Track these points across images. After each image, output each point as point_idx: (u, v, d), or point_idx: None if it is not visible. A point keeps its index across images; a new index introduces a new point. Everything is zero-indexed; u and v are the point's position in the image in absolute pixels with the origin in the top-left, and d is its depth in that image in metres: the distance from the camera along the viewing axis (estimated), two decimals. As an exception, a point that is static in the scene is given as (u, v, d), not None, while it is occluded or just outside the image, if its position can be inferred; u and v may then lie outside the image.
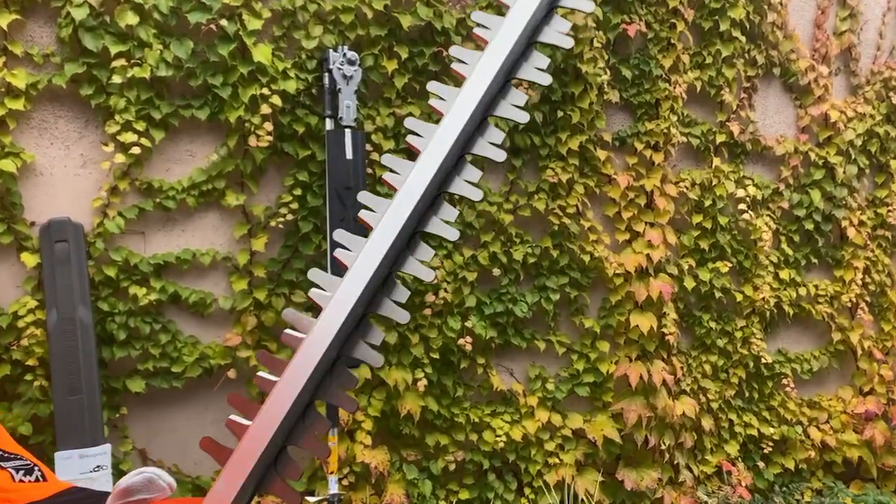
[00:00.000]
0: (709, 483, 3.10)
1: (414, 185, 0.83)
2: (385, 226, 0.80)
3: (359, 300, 0.81)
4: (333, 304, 0.80)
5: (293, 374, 0.75)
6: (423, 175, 0.88)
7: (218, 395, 2.42)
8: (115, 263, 2.27)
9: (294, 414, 0.75)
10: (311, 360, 0.77)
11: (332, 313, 0.78)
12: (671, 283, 2.98)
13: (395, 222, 0.80)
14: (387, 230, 0.80)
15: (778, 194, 3.24)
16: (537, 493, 2.84)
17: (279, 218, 2.42)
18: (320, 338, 0.76)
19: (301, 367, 0.75)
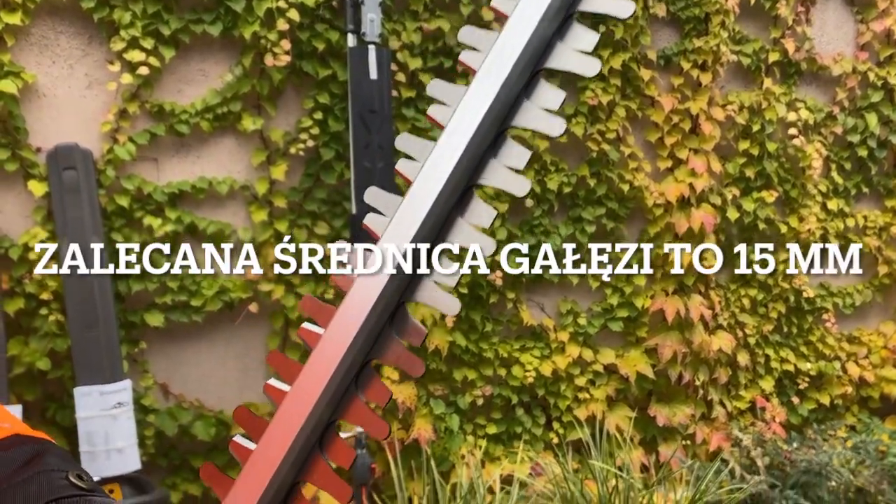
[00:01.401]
0: (741, 419, 3.02)
1: (465, 120, 0.58)
2: (427, 178, 0.52)
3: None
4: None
5: (340, 326, 0.51)
6: (478, 103, 0.58)
7: (240, 329, 2.33)
8: (128, 192, 2.14)
9: (341, 380, 0.52)
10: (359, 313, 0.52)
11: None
12: (714, 213, 2.81)
13: (440, 174, 0.52)
14: (429, 184, 0.52)
15: (831, 118, 3.02)
16: (566, 427, 2.77)
17: (299, 144, 2.26)
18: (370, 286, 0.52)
19: (349, 320, 0.50)
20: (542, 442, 2.77)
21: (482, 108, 0.55)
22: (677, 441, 2.88)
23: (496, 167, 0.54)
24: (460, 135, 0.54)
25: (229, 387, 2.36)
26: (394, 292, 0.49)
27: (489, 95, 0.54)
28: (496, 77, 0.54)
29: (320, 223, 2.32)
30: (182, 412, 2.26)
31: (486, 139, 0.54)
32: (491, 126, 0.54)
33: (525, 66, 0.54)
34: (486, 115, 0.54)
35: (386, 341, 0.49)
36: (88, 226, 2.05)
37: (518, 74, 0.53)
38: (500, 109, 0.55)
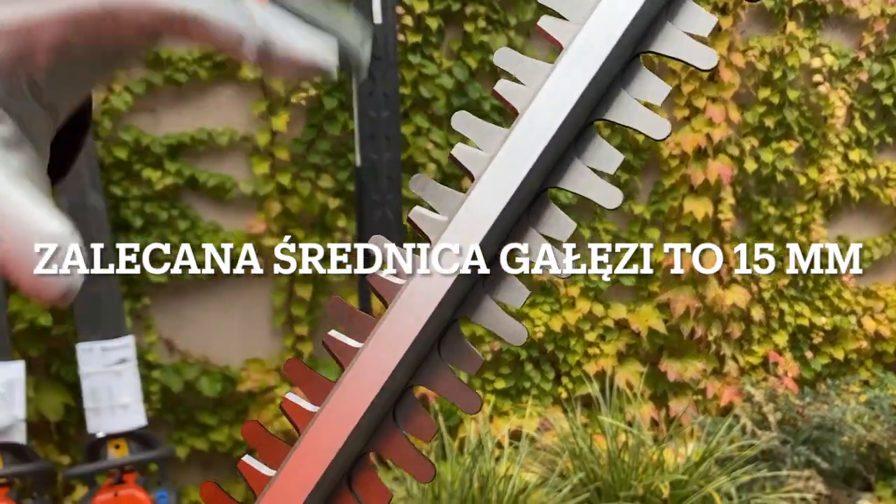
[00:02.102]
0: (753, 374, 2.98)
1: (547, 106, 0.40)
2: (496, 175, 0.37)
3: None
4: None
5: (382, 343, 0.37)
6: (567, 87, 0.38)
7: (244, 284, 2.29)
8: (126, 144, 2.07)
9: (380, 409, 0.38)
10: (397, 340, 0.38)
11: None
12: (731, 164, 2.72)
13: (513, 172, 0.38)
14: (498, 183, 0.37)
15: (856, 64, 2.89)
16: (575, 382, 2.75)
17: (301, 93, 2.18)
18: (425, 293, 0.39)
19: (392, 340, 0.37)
20: (551, 397, 2.74)
21: (571, 94, 0.41)
22: (688, 396, 2.85)
23: (580, 170, 0.41)
24: (541, 124, 0.42)
25: (234, 342, 2.34)
26: (448, 307, 0.39)
27: (581, 80, 0.40)
28: (592, 57, 0.40)
29: (324, 176, 2.25)
30: (187, 368, 2.24)
31: (570, 134, 0.41)
32: (578, 118, 0.41)
33: (625, 48, 0.41)
34: (576, 105, 0.41)
35: (434, 367, 0.39)
36: (86, 179, 1.99)
37: (617, 57, 0.40)
38: (592, 98, 0.41)
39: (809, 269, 2.99)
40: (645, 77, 0.40)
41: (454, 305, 0.38)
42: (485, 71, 2.38)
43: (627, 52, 0.40)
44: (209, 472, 2.38)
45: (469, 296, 0.39)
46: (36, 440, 2.12)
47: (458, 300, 0.38)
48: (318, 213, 2.27)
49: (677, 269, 2.72)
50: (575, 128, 0.40)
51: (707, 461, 2.18)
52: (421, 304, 0.37)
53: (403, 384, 0.37)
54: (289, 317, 2.32)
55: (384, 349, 0.37)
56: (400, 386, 0.37)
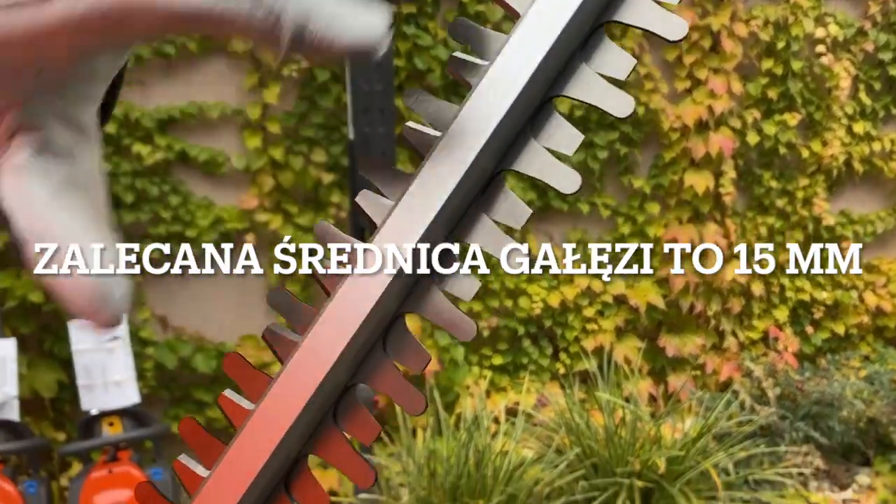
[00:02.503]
0: (753, 349, 2.97)
1: (502, 81, 0.35)
2: (443, 157, 0.33)
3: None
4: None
5: (320, 339, 0.33)
6: (521, 61, 0.33)
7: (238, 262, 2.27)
8: (115, 118, 2.03)
9: (317, 408, 0.34)
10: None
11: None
12: (732, 137, 2.67)
13: (462, 154, 0.33)
14: (446, 165, 0.33)
15: (862, 34, 2.83)
16: (573, 358, 2.73)
17: (293, 65, 2.13)
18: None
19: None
20: (549, 373, 2.73)
21: (526, 67, 0.36)
22: (687, 372, 2.84)
23: (536, 150, 0.37)
24: (493, 101, 0.37)
25: (229, 319, 2.32)
26: (392, 301, 0.35)
27: (537, 52, 0.36)
28: (551, 27, 0.35)
29: (317, 149, 2.21)
30: (181, 344, 2.23)
31: (525, 112, 0.37)
32: (534, 95, 0.37)
33: (585, 17, 0.36)
34: (531, 80, 0.36)
35: (377, 364, 0.35)
36: (74, 154, 1.96)
37: (576, 27, 0.36)
38: (549, 72, 0.37)
39: (810, 268, 2.97)
40: (608, 49, 0.38)
41: (398, 299, 0.35)
42: (481, 42, 2.33)
43: (589, 22, 0.35)
44: (206, 449, 2.38)
45: (414, 289, 0.35)
46: (31, 417, 2.12)
47: (403, 294, 0.35)
48: (312, 188, 2.24)
49: (677, 269, 2.70)
50: (531, 104, 0.36)
51: (705, 437, 2.17)
52: (363, 298, 0.34)
53: (344, 382, 0.34)
54: (283, 293, 2.30)
55: (324, 344, 0.34)
56: (340, 384, 0.34)
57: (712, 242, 2.71)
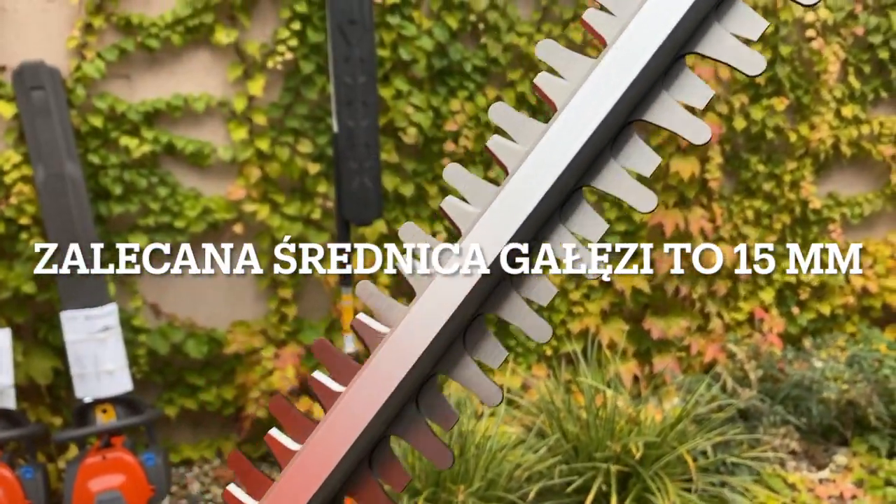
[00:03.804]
0: (738, 330, 3.01)
1: (587, 104, 0.40)
2: (530, 171, 0.39)
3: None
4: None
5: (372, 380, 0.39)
6: (607, 85, 0.39)
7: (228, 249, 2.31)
8: (101, 112, 2.06)
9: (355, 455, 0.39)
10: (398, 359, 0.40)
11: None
12: (719, 123, 2.68)
13: (548, 169, 0.39)
14: (532, 180, 0.38)
15: (852, 17, 2.82)
16: (559, 340, 2.79)
17: (277, 57, 2.14)
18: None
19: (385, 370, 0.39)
20: (536, 354, 2.79)
21: (612, 92, 0.39)
22: (672, 353, 2.89)
23: (616, 171, 0.40)
24: (578, 122, 0.40)
25: (220, 305, 2.37)
26: (428, 361, 0.37)
27: (623, 78, 0.39)
28: (635, 56, 0.38)
29: (303, 140, 2.24)
30: (173, 331, 2.28)
31: (608, 133, 0.39)
32: (617, 118, 0.39)
33: (670, 48, 0.38)
34: (616, 104, 0.39)
35: (411, 420, 0.39)
36: (62, 148, 1.99)
37: (659, 59, 0.38)
38: (632, 98, 0.39)
39: (810, 268, 2.99)
40: (688, 79, 0.40)
41: (434, 360, 0.39)
42: (466, 31, 2.34)
43: (672, 53, 0.38)
44: (199, 430, 2.45)
45: (447, 352, 0.40)
46: (28, 403, 2.18)
47: (438, 355, 0.39)
48: (298, 179, 2.27)
49: (677, 269, 2.73)
50: (613, 127, 0.39)
51: (683, 421, 2.23)
52: (401, 357, 0.38)
53: (380, 433, 0.39)
54: (272, 280, 2.34)
55: (363, 398, 0.38)
56: (376, 435, 0.38)
57: (698, 227, 2.74)
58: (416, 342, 0.41)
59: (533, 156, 0.41)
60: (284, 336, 2.36)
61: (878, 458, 2.54)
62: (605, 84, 0.42)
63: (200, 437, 2.44)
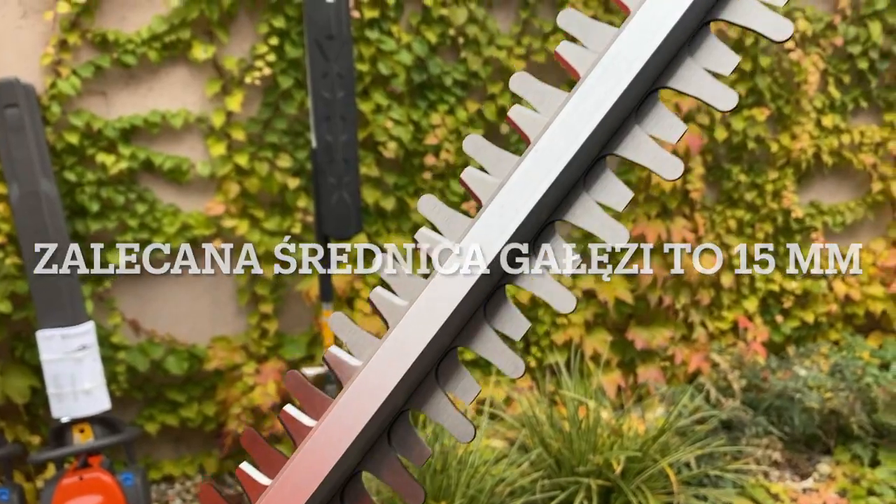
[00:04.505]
0: (722, 339, 3.02)
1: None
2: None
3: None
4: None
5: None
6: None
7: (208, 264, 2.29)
8: (77, 129, 2.04)
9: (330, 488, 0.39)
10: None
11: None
12: (700, 134, 2.69)
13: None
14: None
15: (831, 28, 2.83)
16: (544, 351, 2.78)
17: (255, 72, 2.13)
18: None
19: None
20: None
21: (584, 126, 0.38)
22: (656, 363, 2.89)
23: (588, 205, 0.39)
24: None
25: (201, 321, 2.35)
26: (400, 395, 0.37)
27: (595, 113, 0.38)
28: (607, 91, 0.38)
29: (282, 155, 2.23)
30: (153, 347, 2.26)
31: (580, 168, 0.38)
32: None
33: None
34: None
35: (383, 456, 0.38)
36: (37, 166, 1.97)
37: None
38: (604, 133, 0.39)
39: (810, 268, 3.00)
40: (661, 113, 0.39)
41: (406, 395, 0.38)
42: (445, 45, 2.33)
43: (645, 87, 0.38)
44: (181, 447, 2.43)
45: (420, 386, 0.40)
46: (5, 422, 2.16)
47: (410, 390, 0.39)
48: (278, 193, 2.26)
49: (677, 270, 2.73)
50: (586, 161, 0.38)
51: (666, 434, 2.22)
52: (372, 392, 0.37)
53: (352, 469, 0.38)
54: (253, 295, 2.33)
55: (335, 433, 0.38)
56: (348, 470, 0.38)
57: (680, 237, 2.74)
58: (388, 376, 0.41)
59: (506, 189, 0.41)
60: (266, 351, 2.35)
61: (861, 468, 2.55)
62: (578, 118, 0.42)
63: (182, 453, 2.42)
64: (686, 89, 0.39)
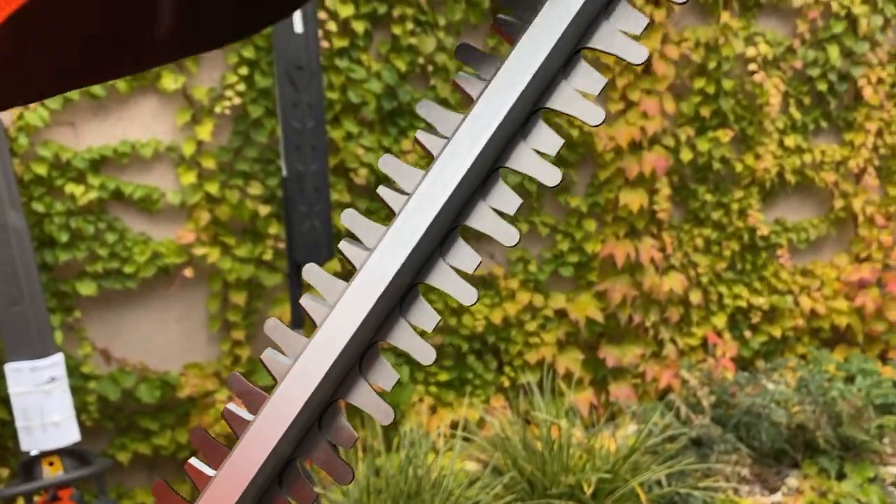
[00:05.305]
0: (692, 355, 3.07)
1: (495, 98, 0.44)
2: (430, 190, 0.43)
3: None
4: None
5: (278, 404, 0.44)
6: (512, 82, 0.43)
7: (178, 293, 2.29)
8: (45, 160, 2.04)
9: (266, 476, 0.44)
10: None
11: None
12: (666, 156, 2.75)
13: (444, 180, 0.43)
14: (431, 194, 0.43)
15: (791, 52, 2.91)
16: (517, 371, 2.81)
17: (225, 102, 2.15)
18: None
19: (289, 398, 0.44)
20: (494, 386, 2.81)
21: (515, 86, 0.45)
22: (627, 380, 2.93)
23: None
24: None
25: (172, 349, 2.35)
26: (328, 387, 0.43)
27: (524, 75, 0.45)
28: (539, 52, 0.44)
29: (253, 182, 2.24)
30: (125, 376, 2.25)
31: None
32: (524, 106, 0.45)
33: (568, 43, 0.45)
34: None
35: (313, 440, 0.44)
36: (5, 198, 1.96)
37: (560, 52, 0.45)
38: (533, 91, 0.45)
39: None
40: (584, 71, 0.45)
41: (333, 387, 0.43)
42: (415, 73, 2.37)
43: (568, 48, 0.44)
44: (154, 474, 2.42)
45: (346, 378, 0.46)
46: (-27, 455, 2.14)
47: (337, 382, 0.43)
48: (249, 220, 2.27)
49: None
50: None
51: (636, 453, 2.26)
52: (303, 386, 0.43)
53: (287, 454, 0.43)
54: (225, 322, 2.33)
55: (270, 424, 0.43)
56: (284, 455, 0.43)
57: (648, 256, 2.79)
58: (315, 371, 0.43)
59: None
60: (238, 378, 2.35)
61: (828, 481, 2.60)
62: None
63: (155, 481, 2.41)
64: (603, 47, 0.47)
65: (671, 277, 2.91)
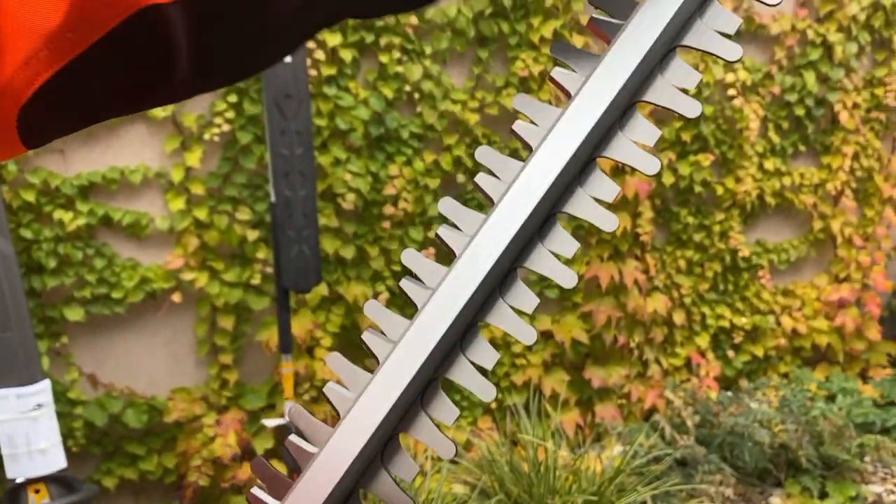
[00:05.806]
0: (676, 374, 3.11)
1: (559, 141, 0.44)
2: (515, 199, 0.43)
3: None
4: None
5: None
6: (576, 125, 0.44)
7: (166, 318, 2.30)
8: (34, 187, 2.05)
9: None
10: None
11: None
12: (648, 179, 2.79)
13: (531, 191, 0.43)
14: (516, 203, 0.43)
15: (769, 78, 2.98)
16: (504, 392, 2.83)
17: (214, 129, 2.17)
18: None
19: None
20: (481, 408, 2.83)
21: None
22: (613, 401, 2.96)
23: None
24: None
25: (160, 373, 2.35)
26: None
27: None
28: (596, 105, 0.44)
29: (242, 208, 2.26)
30: (112, 401, 2.25)
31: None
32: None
33: (625, 97, 0.45)
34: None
35: (374, 471, 0.44)
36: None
37: (617, 104, 0.45)
38: (593, 140, 0.46)
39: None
40: (639, 121, 0.45)
41: (396, 419, 0.43)
42: (402, 100, 2.40)
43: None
44: (140, 499, 2.41)
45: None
46: (-43, 482, 2.12)
47: (400, 414, 0.43)
48: (238, 245, 2.29)
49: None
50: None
51: (622, 475, 2.28)
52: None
53: (350, 487, 0.42)
54: (212, 346, 2.34)
55: (334, 457, 0.41)
56: (347, 488, 0.42)
57: (632, 278, 2.84)
58: (381, 405, 0.47)
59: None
60: (226, 402, 2.35)
61: (811, 500, 2.64)
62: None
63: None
64: (658, 101, 0.48)
65: (655, 298, 2.96)
